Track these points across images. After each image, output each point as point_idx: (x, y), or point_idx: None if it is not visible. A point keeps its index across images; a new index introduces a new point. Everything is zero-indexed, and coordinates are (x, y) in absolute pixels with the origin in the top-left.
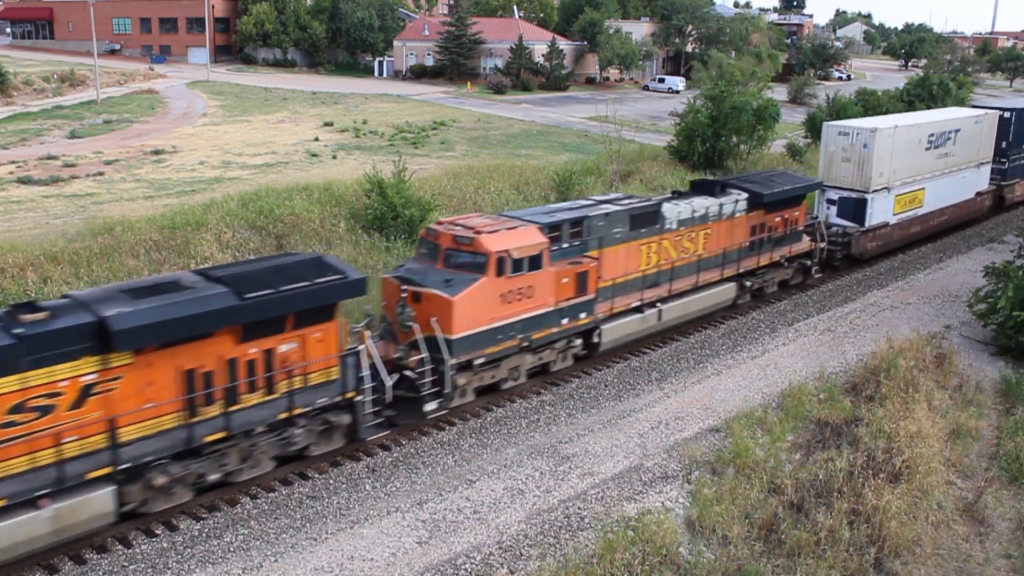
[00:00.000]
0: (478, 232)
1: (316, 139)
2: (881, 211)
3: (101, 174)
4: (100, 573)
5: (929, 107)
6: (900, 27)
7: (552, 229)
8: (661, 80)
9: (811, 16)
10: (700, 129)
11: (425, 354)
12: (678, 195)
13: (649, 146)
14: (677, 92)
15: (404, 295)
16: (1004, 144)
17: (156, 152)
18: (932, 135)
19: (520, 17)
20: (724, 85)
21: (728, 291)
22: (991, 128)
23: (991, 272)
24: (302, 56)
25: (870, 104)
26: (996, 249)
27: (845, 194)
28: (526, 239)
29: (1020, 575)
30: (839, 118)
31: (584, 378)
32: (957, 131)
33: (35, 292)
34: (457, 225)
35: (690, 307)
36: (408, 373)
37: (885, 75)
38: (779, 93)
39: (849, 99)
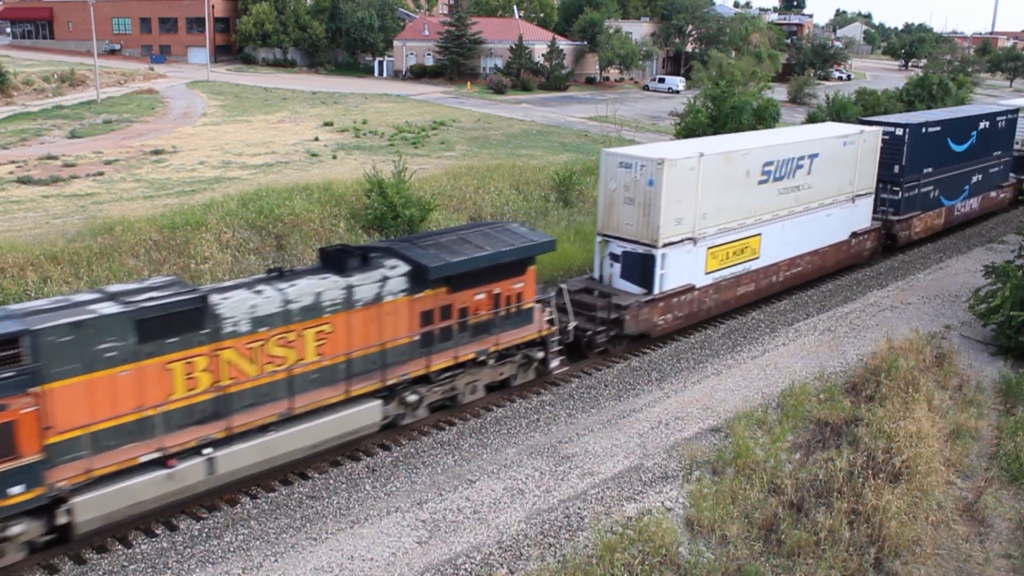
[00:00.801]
0: None
1: (316, 139)
2: (680, 271)
3: (101, 174)
4: (100, 573)
5: (929, 107)
6: (900, 27)
7: None
8: (661, 80)
9: (811, 16)
10: (700, 129)
11: None
12: (278, 275)
13: None
14: (677, 92)
15: None
16: (896, 169)
17: (156, 152)
18: (768, 163)
19: (520, 17)
20: (724, 85)
21: (366, 414)
22: (871, 150)
23: (991, 272)
24: (302, 56)
25: (870, 104)
26: (996, 249)
27: (630, 248)
28: None
29: (1020, 575)
30: (839, 118)
31: (584, 378)
32: (813, 156)
33: (35, 292)
34: None
35: (277, 447)
36: None
37: (885, 75)
38: (779, 93)
39: (849, 99)
